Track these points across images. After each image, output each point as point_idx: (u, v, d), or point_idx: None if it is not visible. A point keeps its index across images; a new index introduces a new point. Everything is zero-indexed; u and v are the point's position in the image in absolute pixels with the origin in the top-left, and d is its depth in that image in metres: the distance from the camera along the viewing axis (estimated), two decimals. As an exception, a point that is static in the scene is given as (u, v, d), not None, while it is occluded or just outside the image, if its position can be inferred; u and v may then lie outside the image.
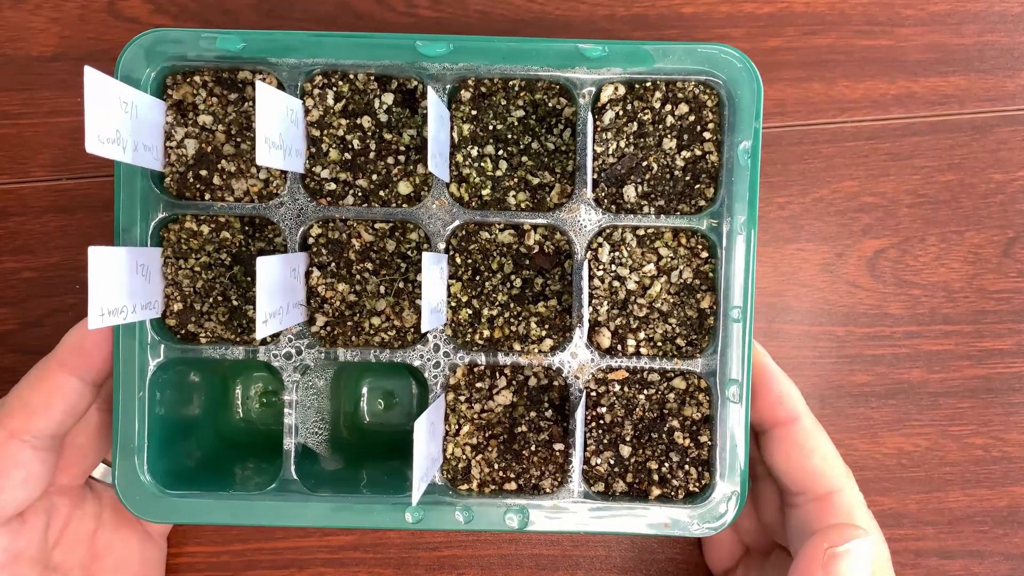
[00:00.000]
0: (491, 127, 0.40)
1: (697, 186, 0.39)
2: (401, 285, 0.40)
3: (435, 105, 0.35)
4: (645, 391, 0.40)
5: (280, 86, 0.39)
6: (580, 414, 0.37)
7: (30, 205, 0.46)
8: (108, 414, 0.41)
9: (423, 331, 0.39)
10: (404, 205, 0.39)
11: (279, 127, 0.35)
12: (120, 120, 0.34)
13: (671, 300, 0.40)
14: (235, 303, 0.40)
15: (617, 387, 0.40)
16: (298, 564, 0.47)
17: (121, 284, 0.35)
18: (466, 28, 0.46)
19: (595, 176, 0.39)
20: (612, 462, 0.40)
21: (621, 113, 0.39)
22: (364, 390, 0.47)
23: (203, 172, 0.39)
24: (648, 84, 0.39)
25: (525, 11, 0.46)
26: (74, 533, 0.40)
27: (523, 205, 0.40)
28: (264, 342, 0.39)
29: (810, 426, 0.39)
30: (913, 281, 0.47)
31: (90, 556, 0.40)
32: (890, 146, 0.47)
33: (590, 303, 0.39)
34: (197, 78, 0.39)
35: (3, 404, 0.37)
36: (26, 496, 0.37)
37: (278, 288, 0.36)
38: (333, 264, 0.40)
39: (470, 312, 0.40)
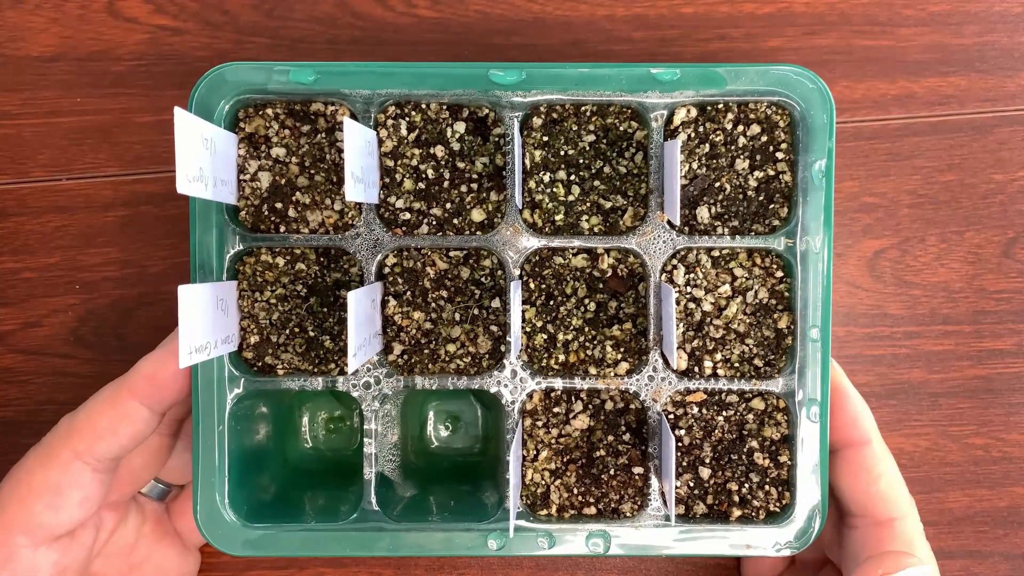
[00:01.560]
0: (562, 152, 0.40)
1: (771, 206, 0.39)
2: (476, 312, 0.40)
3: (517, 139, 0.35)
4: (724, 412, 0.40)
5: (353, 117, 0.39)
6: (669, 442, 0.37)
7: (30, 205, 0.46)
8: (167, 438, 0.41)
9: (513, 357, 0.39)
10: (478, 232, 0.39)
11: (362, 161, 0.35)
12: (202, 157, 0.34)
13: (747, 320, 0.40)
14: (312, 334, 0.40)
15: (695, 409, 0.40)
16: (298, 564, 0.47)
17: (205, 320, 0.35)
18: (465, 28, 0.46)
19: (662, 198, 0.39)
20: (692, 484, 0.40)
21: (693, 135, 0.39)
22: (430, 414, 0.47)
23: (278, 205, 0.39)
24: (720, 106, 0.39)
25: (525, 11, 0.46)
26: (115, 544, 0.40)
27: (596, 229, 0.40)
28: (342, 372, 0.39)
29: (880, 451, 0.39)
30: (913, 281, 0.47)
31: (128, 567, 0.41)
32: (890, 146, 0.46)
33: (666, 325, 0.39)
34: (269, 110, 0.39)
35: (71, 422, 0.38)
36: (81, 516, 0.37)
37: (364, 319, 0.36)
38: (408, 293, 0.40)
39: (545, 337, 0.40)
